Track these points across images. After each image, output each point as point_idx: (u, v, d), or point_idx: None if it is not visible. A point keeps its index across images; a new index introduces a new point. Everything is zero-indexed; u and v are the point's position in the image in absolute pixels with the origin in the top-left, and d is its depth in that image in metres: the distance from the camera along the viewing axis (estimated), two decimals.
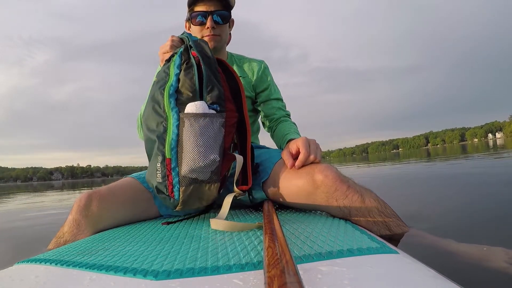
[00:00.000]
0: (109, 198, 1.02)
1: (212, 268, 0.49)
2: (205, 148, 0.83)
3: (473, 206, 1.51)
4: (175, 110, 0.86)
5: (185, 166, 0.83)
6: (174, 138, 0.84)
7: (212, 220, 0.81)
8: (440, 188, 2.35)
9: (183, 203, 0.87)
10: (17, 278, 0.58)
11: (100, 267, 0.55)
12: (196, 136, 0.83)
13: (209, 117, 0.85)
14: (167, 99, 0.87)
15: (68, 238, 0.98)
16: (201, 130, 0.84)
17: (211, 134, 0.85)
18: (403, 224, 0.87)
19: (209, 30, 1.22)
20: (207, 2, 1.20)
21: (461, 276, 0.64)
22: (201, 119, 0.84)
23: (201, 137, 0.83)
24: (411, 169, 5.02)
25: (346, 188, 0.85)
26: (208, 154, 0.83)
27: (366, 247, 0.53)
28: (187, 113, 0.85)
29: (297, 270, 0.36)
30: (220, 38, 1.27)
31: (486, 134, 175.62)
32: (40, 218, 2.43)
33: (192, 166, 0.83)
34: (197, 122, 0.84)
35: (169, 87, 0.89)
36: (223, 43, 1.31)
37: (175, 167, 0.84)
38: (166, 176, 0.85)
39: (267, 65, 1.39)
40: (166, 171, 0.85)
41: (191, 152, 0.83)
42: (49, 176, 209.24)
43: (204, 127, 0.84)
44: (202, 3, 1.20)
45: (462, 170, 3.63)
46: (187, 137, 0.84)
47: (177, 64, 0.92)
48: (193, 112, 0.85)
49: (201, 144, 0.83)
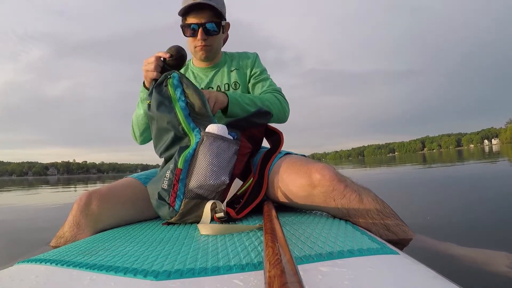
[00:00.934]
0: (109, 197, 1.02)
1: (212, 268, 0.49)
2: (219, 169, 0.87)
3: (474, 210, 1.51)
4: (196, 130, 0.92)
5: (194, 181, 0.86)
6: (190, 152, 0.89)
7: (213, 225, 0.80)
8: (440, 192, 2.35)
9: (181, 215, 0.89)
10: (17, 278, 0.58)
11: (100, 267, 0.55)
12: (212, 155, 0.87)
13: (227, 142, 0.90)
14: (184, 121, 0.94)
15: (68, 237, 0.98)
16: (218, 151, 0.88)
17: (226, 157, 0.89)
18: (403, 224, 0.87)
19: (200, 41, 1.23)
20: (198, 14, 1.20)
21: (462, 279, 0.63)
22: (220, 141, 0.89)
23: (216, 158, 0.87)
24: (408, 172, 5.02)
25: (344, 188, 0.85)
26: (220, 175, 0.87)
27: (367, 248, 0.53)
28: (208, 132, 0.90)
29: (297, 270, 0.36)
30: (211, 48, 1.28)
31: (482, 140, 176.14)
32: (40, 217, 2.43)
33: (202, 182, 0.86)
34: (216, 143, 0.89)
35: (180, 110, 0.95)
36: (215, 51, 1.32)
37: (183, 179, 0.87)
38: (172, 184, 0.87)
39: (257, 55, 1.43)
40: (174, 180, 0.87)
41: (205, 169, 0.86)
42: (44, 171, 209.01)
43: (221, 149, 0.89)
44: (193, 14, 1.20)
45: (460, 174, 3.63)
46: (203, 154, 0.88)
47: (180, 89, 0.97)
48: (214, 133, 0.90)
49: (215, 164, 0.87)
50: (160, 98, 0.97)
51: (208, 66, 1.37)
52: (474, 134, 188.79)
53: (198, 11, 1.19)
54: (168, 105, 0.96)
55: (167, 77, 0.99)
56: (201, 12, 1.19)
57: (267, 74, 1.40)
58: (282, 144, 1.07)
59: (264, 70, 1.40)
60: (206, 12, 1.20)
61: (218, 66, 1.38)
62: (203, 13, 1.20)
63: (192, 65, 1.41)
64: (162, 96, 0.97)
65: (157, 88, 0.99)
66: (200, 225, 0.79)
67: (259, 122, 1.09)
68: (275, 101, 1.26)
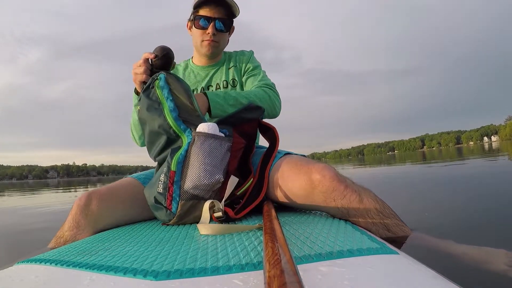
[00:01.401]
0: (109, 197, 1.02)
1: (212, 268, 0.49)
2: (212, 167, 0.87)
3: (473, 208, 1.51)
4: (187, 130, 0.91)
5: (189, 182, 0.86)
6: (182, 154, 0.88)
7: (212, 225, 0.80)
8: (439, 190, 2.35)
9: (179, 217, 0.88)
10: (17, 278, 0.58)
11: (100, 267, 0.55)
12: (204, 155, 0.87)
13: (219, 139, 0.90)
14: (174, 124, 0.92)
15: (68, 237, 0.99)
16: (210, 150, 0.87)
17: (219, 155, 0.89)
18: (402, 224, 0.87)
19: (209, 35, 1.23)
20: (213, 8, 1.21)
21: (461, 277, 0.64)
22: (211, 140, 0.88)
23: (209, 157, 0.87)
24: (408, 171, 5.02)
25: (344, 188, 0.85)
26: (214, 174, 0.86)
27: (366, 248, 0.53)
28: (199, 132, 0.89)
29: (297, 270, 0.36)
30: (218, 45, 1.29)
31: (482, 137, 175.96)
32: (40, 217, 2.43)
33: (196, 182, 0.85)
34: (207, 142, 0.88)
35: (169, 112, 0.92)
36: (220, 50, 1.34)
37: (178, 181, 0.87)
38: (167, 187, 0.87)
39: (253, 52, 1.44)
40: (168, 183, 0.87)
41: (198, 169, 0.86)
42: (44, 174, 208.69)
43: (213, 148, 0.88)
44: (207, 7, 1.21)
45: (460, 172, 3.64)
46: (196, 154, 0.87)
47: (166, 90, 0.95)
48: (204, 132, 0.89)
49: (208, 163, 0.86)
50: (149, 102, 0.96)
51: (208, 65, 1.38)
52: (474, 131, 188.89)
53: (214, 5, 1.21)
54: (157, 107, 0.94)
55: (154, 80, 0.98)
56: (217, 7, 1.21)
57: (261, 70, 1.40)
58: (278, 140, 1.06)
59: (258, 66, 1.40)
60: (222, 8, 1.21)
61: (218, 65, 1.39)
62: (219, 8, 1.21)
63: (192, 64, 1.41)
64: (150, 99, 0.96)
65: (145, 92, 0.98)
66: (199, 225, 0.79)
67: (250, 117, 1.09)
68: (263, 96, 1.22)
